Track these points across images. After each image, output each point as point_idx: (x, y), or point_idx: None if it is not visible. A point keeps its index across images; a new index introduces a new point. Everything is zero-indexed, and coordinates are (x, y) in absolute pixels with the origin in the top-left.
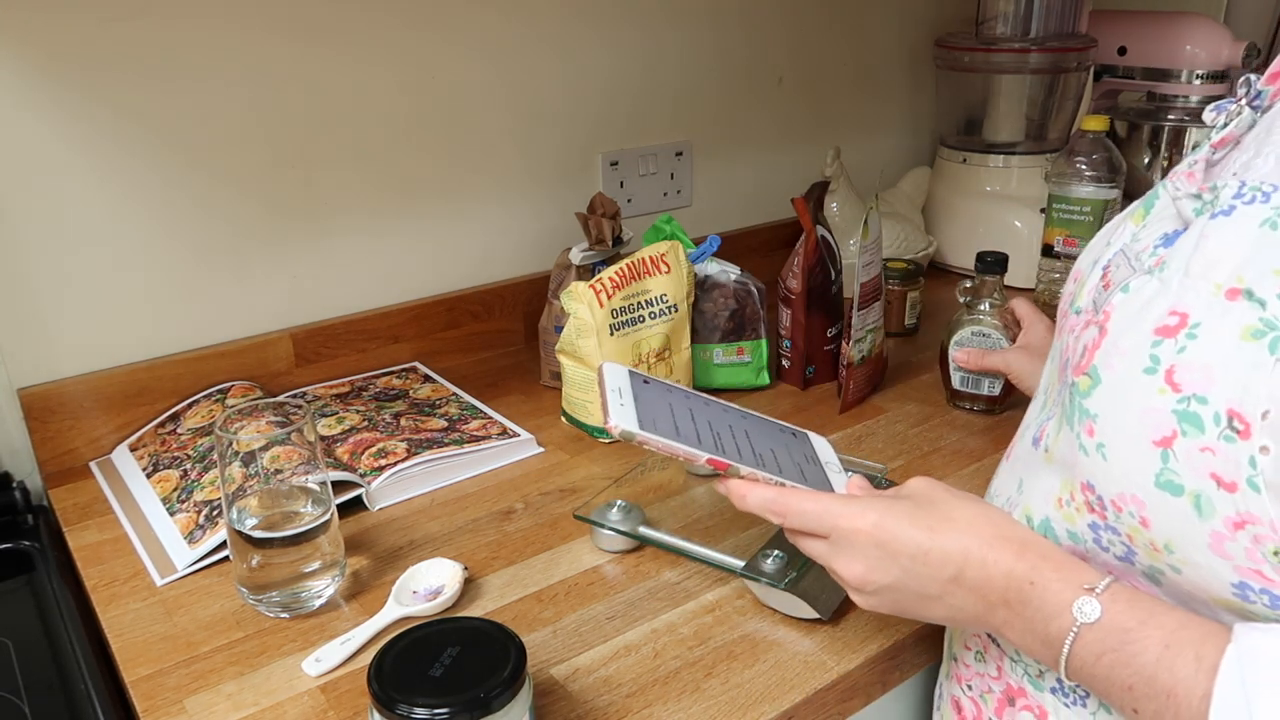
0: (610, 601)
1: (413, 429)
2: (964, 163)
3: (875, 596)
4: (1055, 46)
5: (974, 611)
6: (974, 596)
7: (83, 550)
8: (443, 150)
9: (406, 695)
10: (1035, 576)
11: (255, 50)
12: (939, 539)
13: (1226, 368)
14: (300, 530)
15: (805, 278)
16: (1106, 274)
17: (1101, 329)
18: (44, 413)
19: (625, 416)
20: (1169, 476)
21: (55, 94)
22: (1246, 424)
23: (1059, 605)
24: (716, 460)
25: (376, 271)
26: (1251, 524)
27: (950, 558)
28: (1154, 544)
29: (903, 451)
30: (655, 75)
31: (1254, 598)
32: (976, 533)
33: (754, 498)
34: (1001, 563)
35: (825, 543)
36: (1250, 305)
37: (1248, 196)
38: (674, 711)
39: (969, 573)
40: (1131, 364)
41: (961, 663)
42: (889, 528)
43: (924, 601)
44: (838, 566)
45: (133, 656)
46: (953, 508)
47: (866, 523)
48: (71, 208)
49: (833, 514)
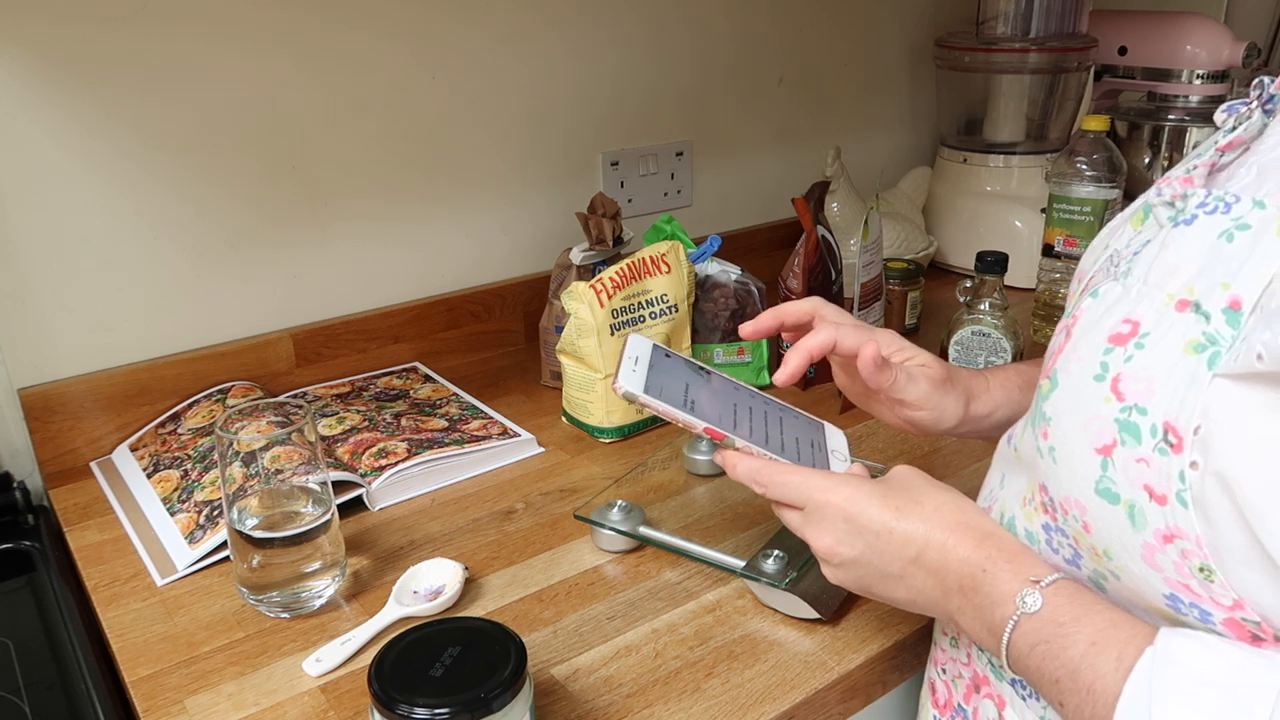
0: (611, 601)
1: (413, 429)
2: (964, 162)
3: (841, 570)
4: (1056, 46)
5: (932, 595)
6: (932, 580)
7: (83, 550)
8: (443, 151)
9: (407, 695)
10: (989, 565)
11: (255, 51)
12: (903, 520)
13: (1167, 379)
14: (301, 530)
15: (806, 278)
16: (1093, 278)
17: (1068, 333)
18: (44, 413)
19: (633, 381)
20: (1107, 484)
21: (55, 96)
22: (1180, 438)
23: (1005, 594)
24: (713, 430)
25: (377, 271)
26: (1179, 538)
27: (912, 539)
28: (1095, 549)
29: (903, 451)
30: (656, 75)
31: (1185, 610)
32: (940, 519)
33: (742, 468)
34: (960, 549)
35: (800, 513)
36: (1196, 318)
37: (1210, 206)
38: (674, 711)
39: (929, 555)
40: (1085, 369)
41: (939, 647)
42: (858, 503)
43: (886, 580)
44: (809, 536)
45: (133, 656)
46: (923, 493)
47: (839, 497)
48: (72, 208)
49: (809, 486)
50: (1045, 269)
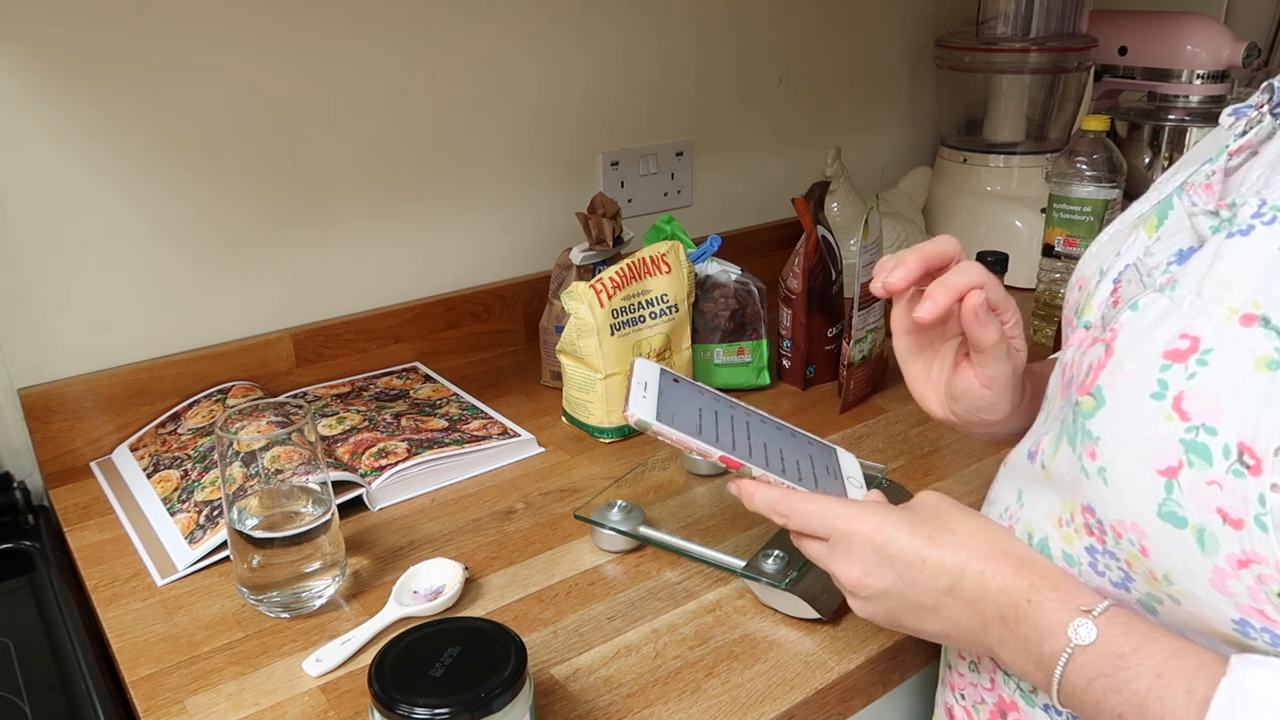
0: (611, 601)
1: (413, 429)
2: (964, 163)
3: (870, 602)
4: (1056, 46)
5: (969, 627)
6: (969, 611)
7: (83, 550)
8: (443, 150)
9: (407, 695)
10: (1032, 594)
11: (256, 51)
12: (936, 549)
13: (1238, 398)
14: (301, 530)
15: (806, 278)
16: (1117, 289)
17: (1108, 348)
18: (44, 413)
19: (644, 408)
20: (1172, 507)
21: (55, 96)
22: (1258, 459)
23: (1054, 625)
24: (729, 458)
25: (377, 271)
26: (1256, 563)
27: (946, 568)
28: (1153, 573)
29: (903, 452)
30: (656, 75)
31: (1254, 634)
32: (974, 546)
33: (760, 498)
34: (998, 578)
35: (825, 544)
36: (1266, 333)
37: (1268, 216)
38: (675, 711)
39: (965, 585)
40: (1138, 387)
41: (956, 671)
42: (887, 532)
43: (919, 612)
44: (835, 568)
45: (133, 656)
46: (953, 520)
47: (865, 526)
48: (72, 208)
49: (834, 515)
50: (1045, 269)
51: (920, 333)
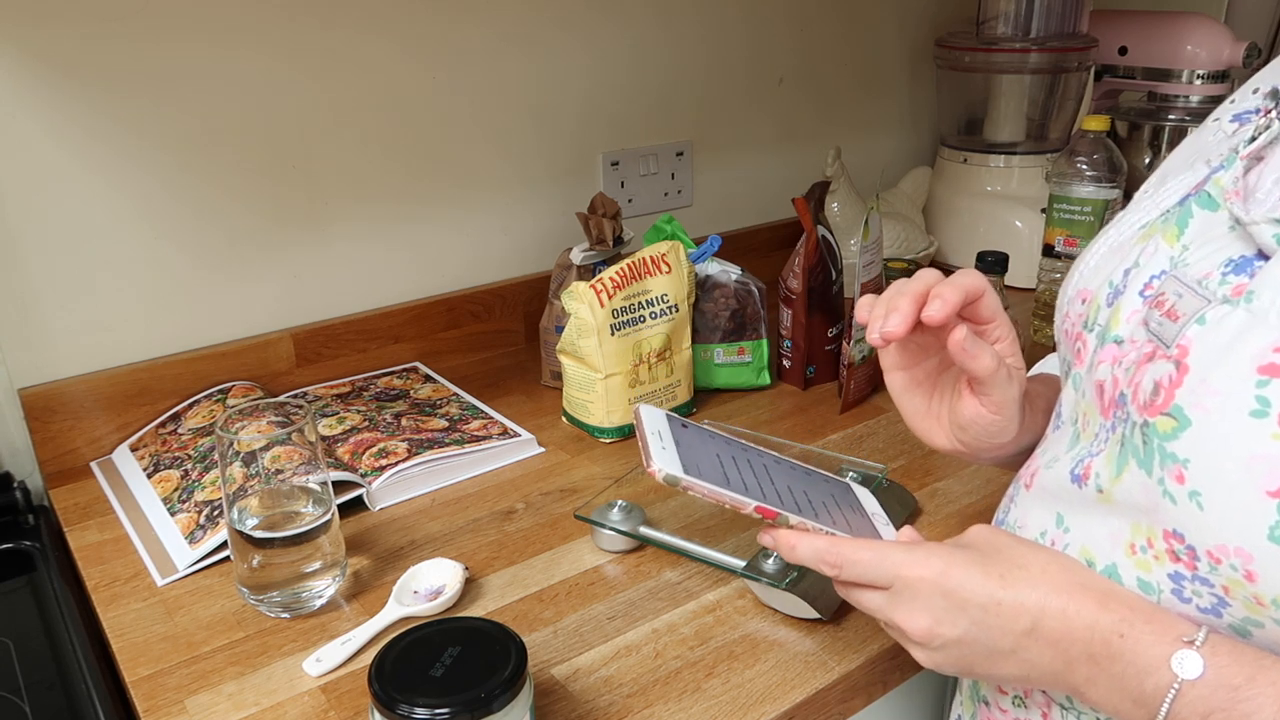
0: (611, 601)
1: (413, 429)
2: (965, 163)
3: (941, 652)
4: (1056, 46)
5: (1050, 668)
6: (1052, 651)
7: (83, 550)
8: (443, 151)
9: (407, 695)
10: (1124, 629)
11: (256, 51)
12: (1011, 588)
13: None
14: (301, 530)
15: (806, 278)
16: (1163, 301)
17: (1179, 364)
18: (45, 413)
19: (668, 460)
20: None
21: (55, 97)
22: None
23: (1154, 660)
24: (765, 509)
25: (377, 271)
26: None
27: (1025, 608)
28: (1258, 598)
29: (903, 452)
30: (656, 75)
31: None
32: (1051, 581)
33: (804, 548)
34: (1083, 614)
35: (885, 594)
36: None
37: None
38: (675, 711)
39: (1046, 624)
40: (1231, 405)
41: (996, 707)
42: (956, 575)
43: (994, 658)
44: (900, 619)
45: (133, 656)
46: (1023, 555)
47: (932, 570)
48: (72, 208)
49: (893, 562)
50: (1045, 269)
51: (914, 366)
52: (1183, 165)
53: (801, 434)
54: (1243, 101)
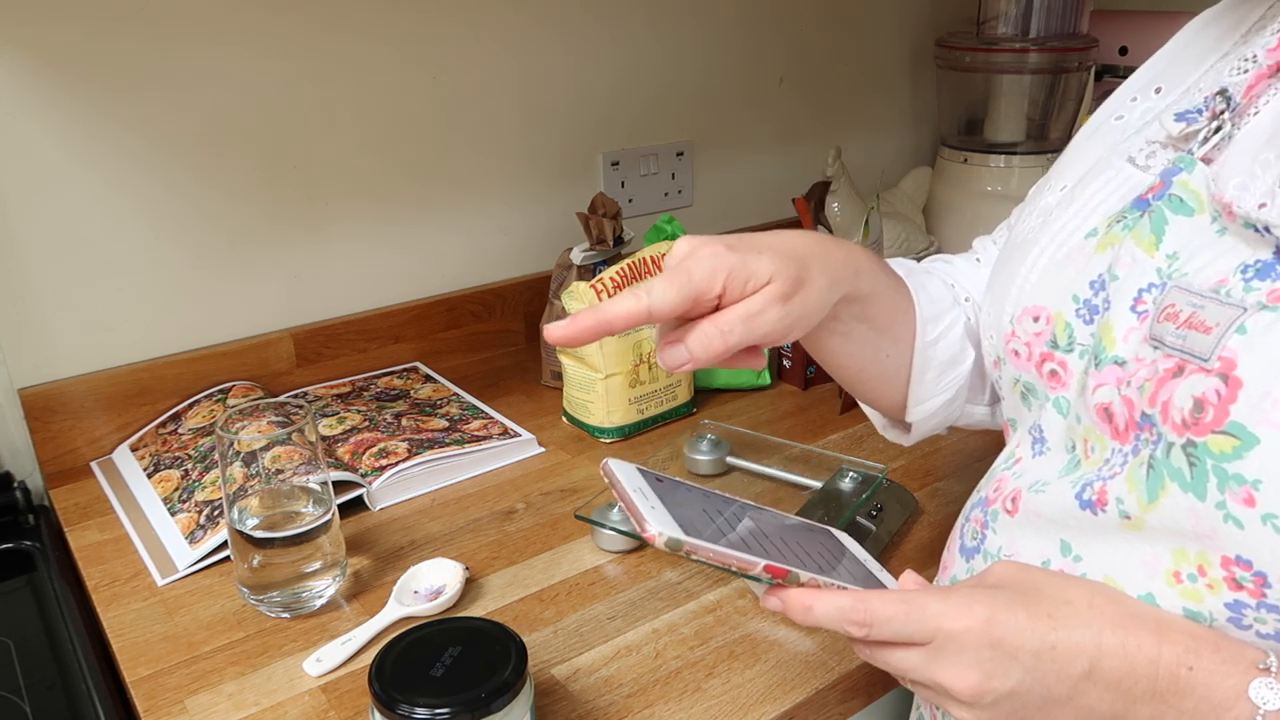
0: (611, 601)
1: (414, 429)
2: (965, 163)
3: (990, 710)
4: (1056, 46)
5: (1110, 711)
6: (1113, 693)
7: (84, 550)
8: (443, 151)
9: (407, 695)
10: (1192, 660)
11: (256, 52)
12: (1063, 630)
13: None
14: (301, 530)
15: None
16: (1176, 314)
17: (1227, 378)
18: (45, 413)
19: (663, 521)
20: None
21: (55, 96)
22: None
23: (1229, 693)
24: (774, 567)
25: (377, 271)
26: None
27: (1081, 649)
28: None
29: (903, 452)
30: (656, 75)
31: None
32: (1102, 617)
33: (822, 608)
34: (1144, 648)
35: (923, 651)
36: None
37: None
38: (675, 711)
39: (1106, 664)
40: None
41: None
42: (1004, 622)
43: (1049, 706)
44: (944, 678)
45: (134, 656)
46: (1065, 589)
47: (977, 619)
48: (72, 208)
49: (932, 614)
50: None
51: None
52: (1104, 165)
53: (801, 434)
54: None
